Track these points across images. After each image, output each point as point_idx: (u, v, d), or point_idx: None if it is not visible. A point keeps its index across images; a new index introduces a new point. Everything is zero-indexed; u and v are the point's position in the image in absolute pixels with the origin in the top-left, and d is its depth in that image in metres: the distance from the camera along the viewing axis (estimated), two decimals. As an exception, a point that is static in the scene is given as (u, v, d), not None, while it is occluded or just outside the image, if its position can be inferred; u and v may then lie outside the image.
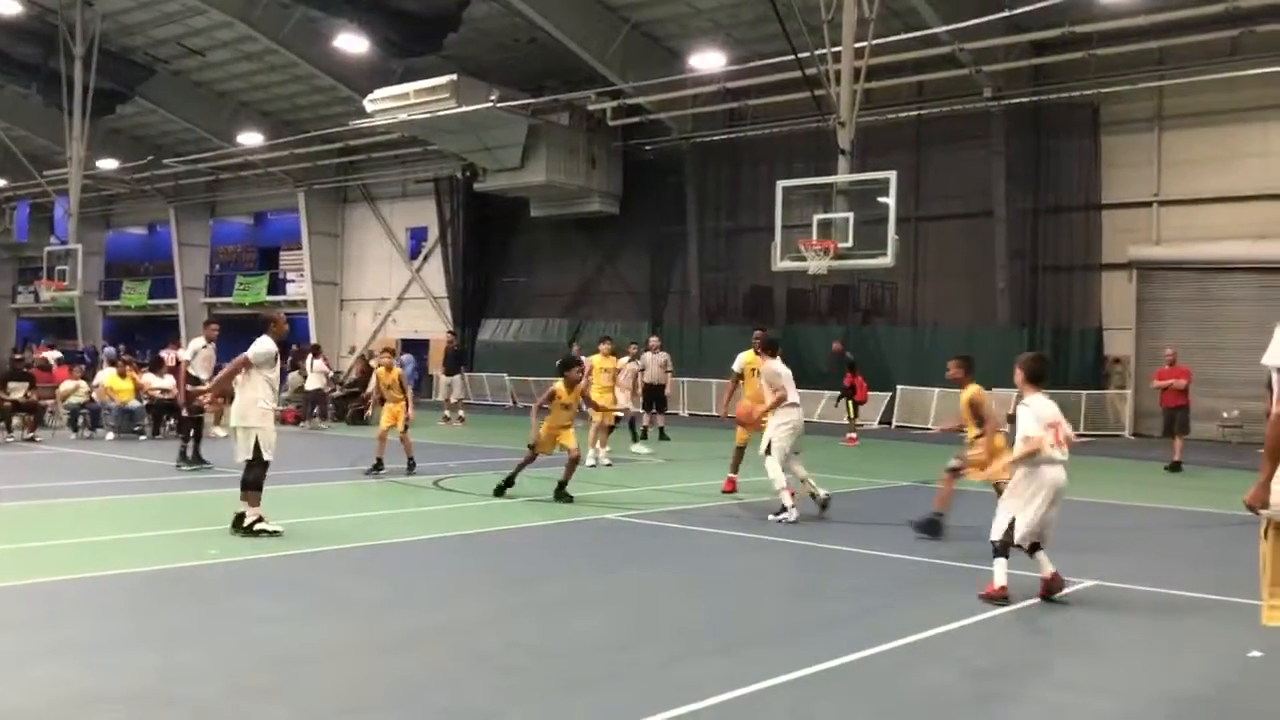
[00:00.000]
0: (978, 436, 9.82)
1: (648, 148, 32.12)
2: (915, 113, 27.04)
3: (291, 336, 34.44)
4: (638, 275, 33.76)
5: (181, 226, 45.81)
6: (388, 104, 30.15)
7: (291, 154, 37.61)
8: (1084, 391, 25.07)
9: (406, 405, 15.29)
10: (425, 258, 39.47)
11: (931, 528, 10.21)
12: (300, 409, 25.13)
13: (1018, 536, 7.60)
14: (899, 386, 27.20)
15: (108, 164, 40.81)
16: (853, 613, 7.44)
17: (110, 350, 33.37)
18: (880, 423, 26.91)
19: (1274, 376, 4.77)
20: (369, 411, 21.68)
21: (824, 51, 21.93)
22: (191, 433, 15.48)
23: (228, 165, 40.14)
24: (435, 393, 34.40)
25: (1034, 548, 7.70)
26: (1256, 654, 6.22)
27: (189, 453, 15.37)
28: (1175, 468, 17.22)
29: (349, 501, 12.75)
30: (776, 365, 11.98)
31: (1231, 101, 24.07)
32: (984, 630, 6.94)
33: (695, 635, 6.73)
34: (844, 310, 29.99)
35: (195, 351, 15.82)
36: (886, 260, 21.22)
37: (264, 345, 10.08)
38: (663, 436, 21.52)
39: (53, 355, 24.14)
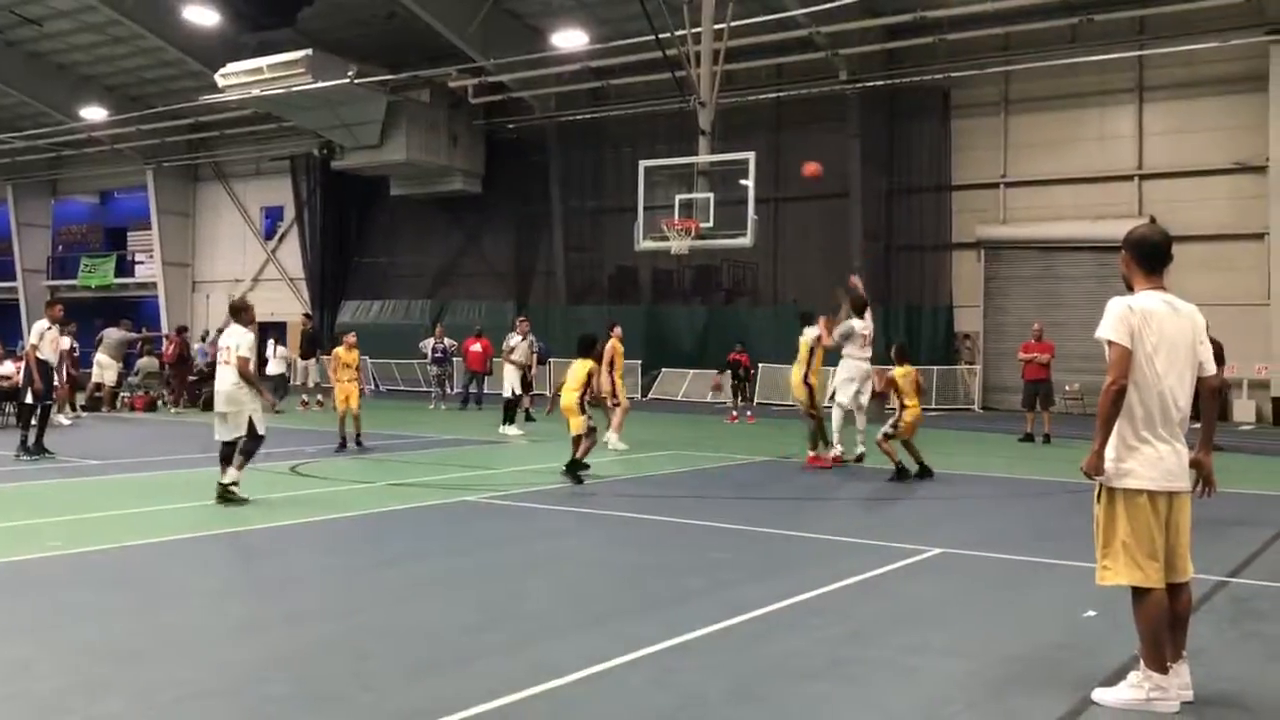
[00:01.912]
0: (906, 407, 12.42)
1: (510, 126, 31.87)
2: (774, 95, 27.46)
3: (141, 320, 33.25)
4: (502, 255, 33.53)
5: (20, 205, 43.64)
6: (240, 79, 29.17)
7: (138, 130, 36.12)
8: (935, 367, 25.90)
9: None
10: (281, 238, 38.46)
11: (900, 474, 12.55)
12: (150, 395, 24.31)
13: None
14: (760, 365, 27.63)
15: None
16: (710, 586, 7.54)
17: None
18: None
19: (1106, 349, 5.01)
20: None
21: (684, 32, 22.09)
22: (33, 421, 14.81)
23: (70, 141, 38.31)
24: (294, 377, 33.66)
25: None
26: (1091, 614, 6.53)
27: (30, 441, 14.70)
28: (1031, 439, 17.92)
29: (202, 489, 12.36)
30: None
31: (1072, 86, 25.13)
32: (837, 599, 7.12)
33: (552, 614, 6.73)
34: (707, 290, 30.33)
35: (41, 334, 15.05)
36: (746, 240, 21.51)
37: (248, 337, 10.85)
38: (528, 418, 21.45)
39: None
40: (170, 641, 6.09)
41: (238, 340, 10.77)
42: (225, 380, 10.76)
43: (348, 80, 28.18)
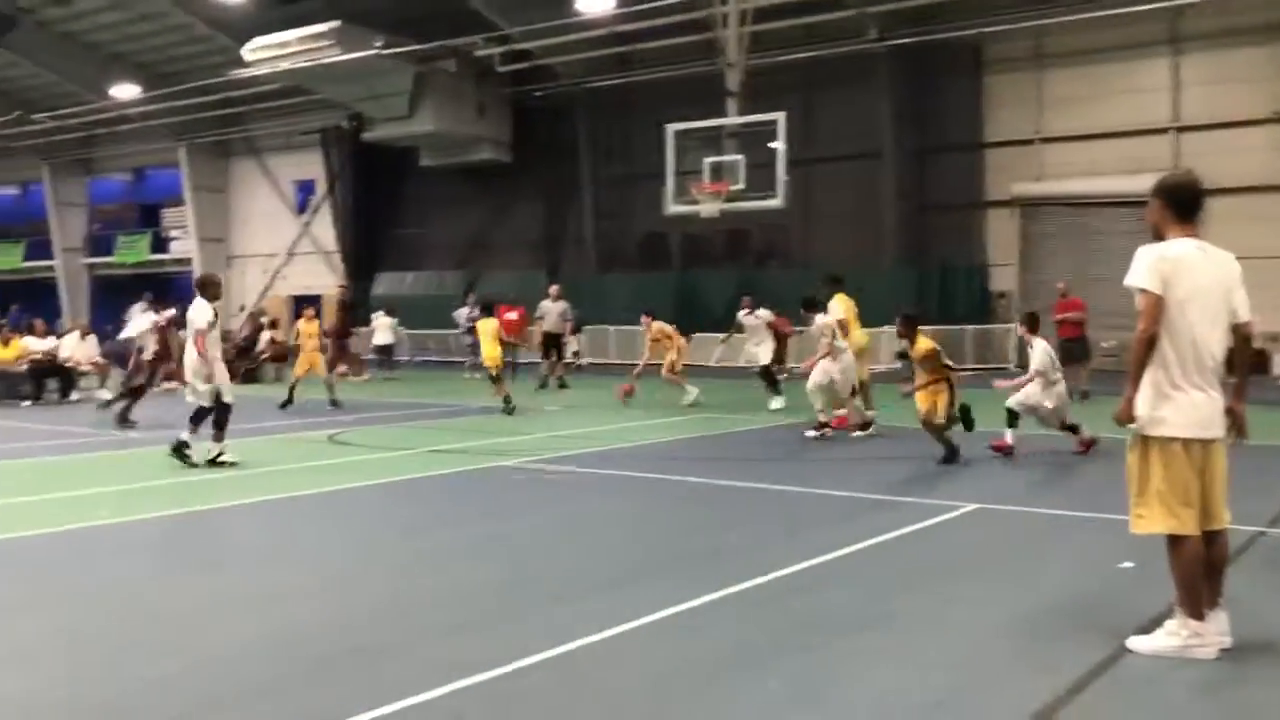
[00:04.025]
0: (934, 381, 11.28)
1: (538, 94, 31.79)
2: (803, 55, 27.20)
3: (176, 295, 33.56)
4: (532, 224, 33.54)
5: (56, 185, 44.06)
6: (268, 53, 29.26)
7: (170, 107, 36.30)
8: (970, 327, 25.73)
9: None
10: (314, 211, 38.63)
11: (950, 457, 11.15)
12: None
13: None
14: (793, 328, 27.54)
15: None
16: (744, 545, 7.59)
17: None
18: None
19: (1137, 297, 4.99)
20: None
21: (712, -7, 21.92)
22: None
23: (103, 120, 38.57)
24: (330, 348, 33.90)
25: None
26: (1128, 565, 6.53)
27: (128, 414, 15.68)
28: (1082, 397, 17.82)
29: (247, 456, 12.54)
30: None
31: (1106, 39, 24.74)
32: (872, 554, 7.16)
33: (585, 574, 6.81)
34: (739, 254, 30.22)
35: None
36: (777, 202, 21.43)
37: (208, 311, 11.29)
38: (562, 385, 21.54)
39: None
40: (220, 605, 6.22)
41: (196, 314, 11.31)
42: (191, 356, 11.37)
43: (375, 51, 28.19)
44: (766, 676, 4.81)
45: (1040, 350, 11.59)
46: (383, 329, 26.99)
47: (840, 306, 14.07)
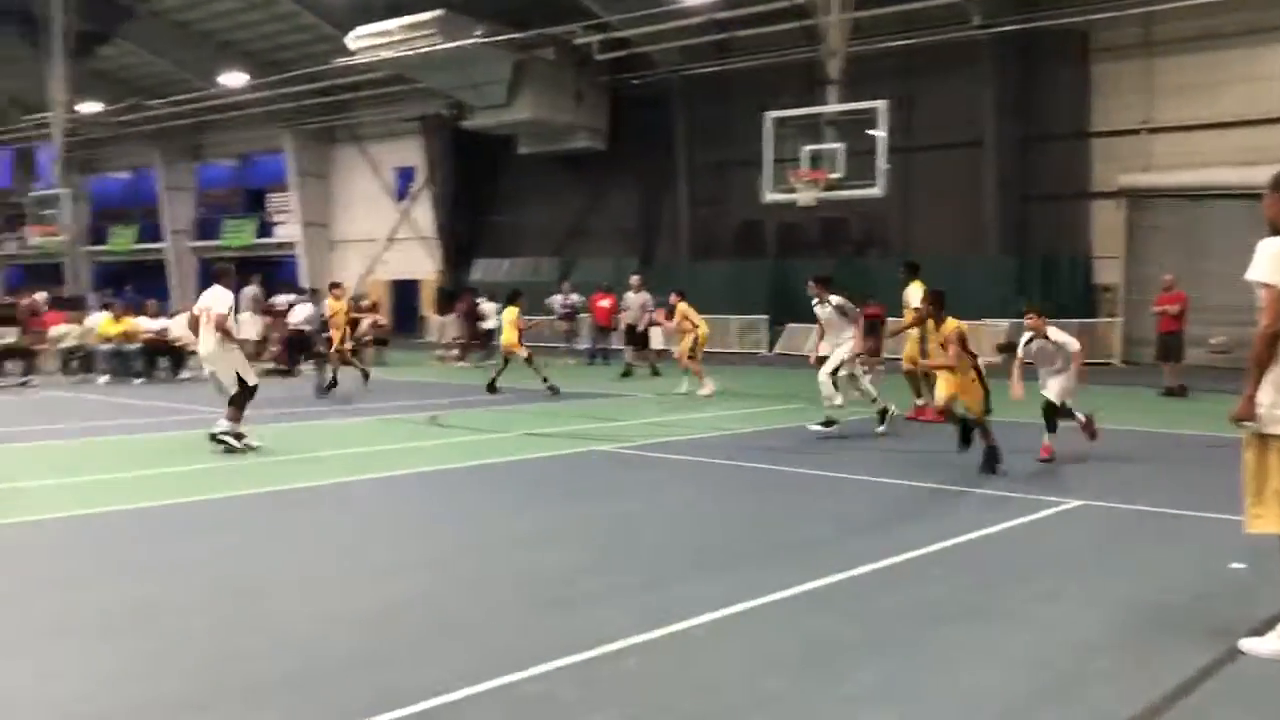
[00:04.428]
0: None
1: (635, 82, 31.83)
2: (904, 42, 26.79)
3: (280, 279, 34.31)
4: (626, 212, 33.64)
5: (167, 170, 45.43)
6: (371, 41, 29.79)
7: (276, 94, 37.17)
8: (1074, 320, 25.12)
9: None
10: (414, 198, 39.24)
11: (990, 462, 9.99)
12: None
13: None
14: (889, 318, 27.21)
15: (90, 107, 40.33)
16: (837, 535, 7.55)
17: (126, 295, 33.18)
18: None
19: (1259, 292, 4.83)
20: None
21: (813, -20, 21.71)
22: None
23: (212, 107, 39.65)
24: (428, 332, 34.48)
25: None
26: (1239, 565, 6.33)
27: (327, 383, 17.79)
28: (1175, 392, 17.34)
29: (343, 437, 12.82)
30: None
31: (1219, 26, 23.90)
32: (971, 549, 7.05)
33: (678, 560, 6.82)
34: (836, 242, 29.94)
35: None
36: (877, 190, 21.18)
37: (227, 297, 11.43)
38: (654, 372, 21.58)
39: (41, 298, 24.07)
40: (317, 580, 6.38)
41: (217, 301, 11.34)
42: (208, 342, 11.37)
43: (475, 40, 28.50)
44: (857, 669, 4.79)
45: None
46: (488, 315, 27.35)
47: (920, 294, 13.76)
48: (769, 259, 30.47)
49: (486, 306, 27.74)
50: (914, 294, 13.88)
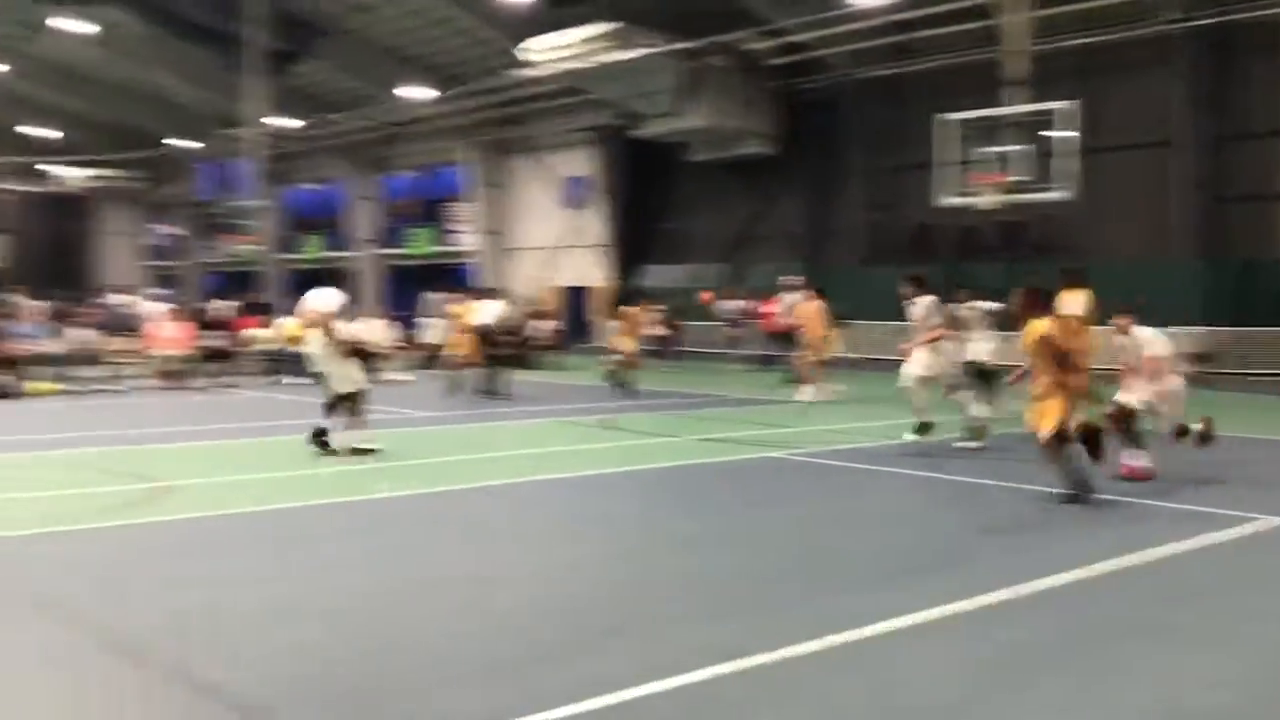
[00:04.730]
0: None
1: (806, 86, 31.63)
2: (1087, 40, 25.85)
3: (458, 285, 35.36)
4: (796, 217, 33.41)
5: (354, 182, 47.40)
6: (545, 54, 30.45)
7: (456, 108, 38.38)
8: (1272, 329, 23.76)
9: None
10: (586, 206, 39.91)
11: (1078, 492, 8.74)
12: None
13: None
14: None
15: (285, 123, 42.43)
16: (1018, 545, 7.37)
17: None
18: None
19: None
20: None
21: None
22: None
23: (396, 121, 41.21)
24: (598, 338, 34.98)
25: None
26: None
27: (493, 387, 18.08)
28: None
29: (525, 438, 13.17)
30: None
31: None
32: (1159, 565, 6.79)
33: (856, 568, 6.79)
34: (1015, 246, 29.05)
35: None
36: (1064, 194, 20.53)
37: (336, 298, 11.62)
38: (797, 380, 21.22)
39: (225, 304, 25.51)
40: (504, 574, 6.61)
41: (323, 301, 11.46)
42: (316, 342, 11.37)
43: (648, 50, 28.83)
44: (1037, 681, 4.68)
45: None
46: (652, 320, 27.70)
47: (1079, 301, 12.90)
48: (943, 263, 29.81)
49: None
50: (1073, 303, 12.94)
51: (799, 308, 17.76)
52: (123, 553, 7.31)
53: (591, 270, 39.04)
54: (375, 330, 22.32)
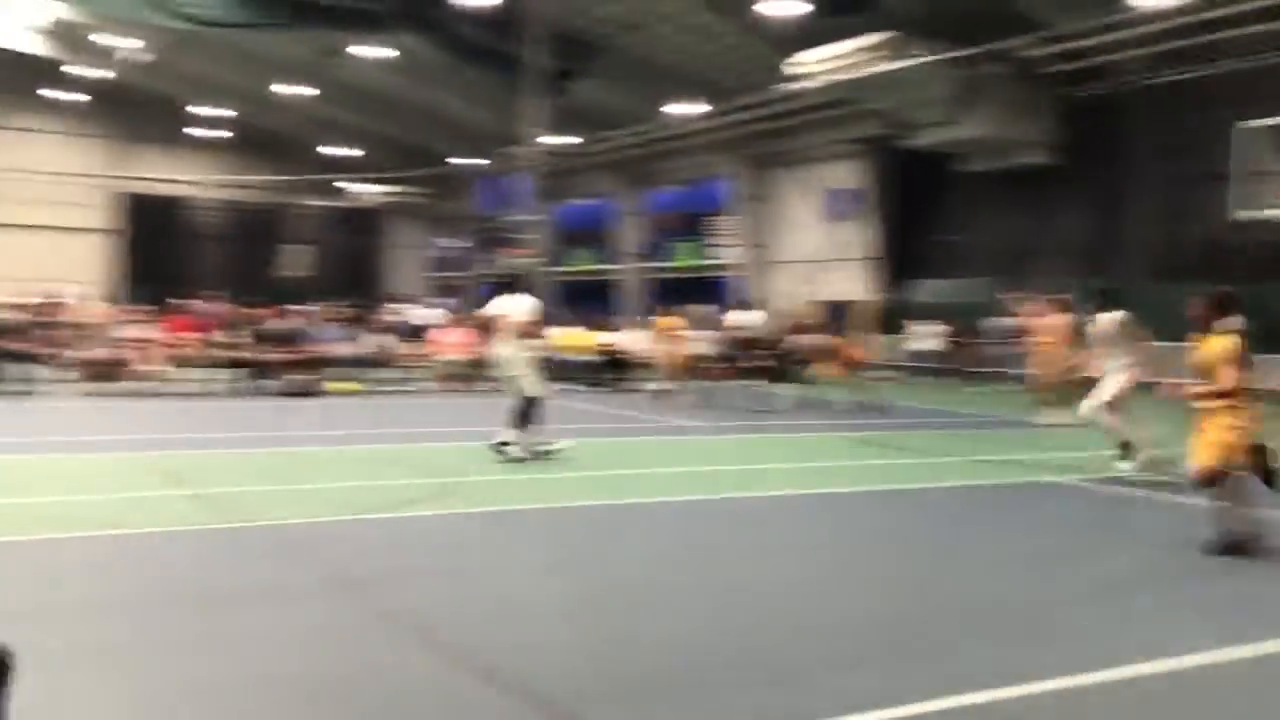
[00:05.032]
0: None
1: (1089, 93, 30.12)
2: None
3: (719, 298, 35.67)
4: (1076, 229, 31.84)
5: (622, 197, 48.71)
6: (819, 66, 30.32)
7: (722, 122, 38.79)
8: None
9: None
10: (851, 219, 39.45)
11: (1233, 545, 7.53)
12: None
13: None
14: None
15: (559, 140, 44.08)
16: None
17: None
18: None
19: None
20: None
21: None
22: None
23: (664, 136, 42.08)
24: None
25: None
26: None
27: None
28: None
29: (787, 450, 13.15)
30: None
31: None
32: None
33: (1166, 596, 6.38)
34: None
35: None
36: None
37: (531, 303, 11.88)
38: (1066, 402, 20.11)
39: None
40: (788, 585, 6.62)
41: (519, 308, 11.62)
42: (504, 347, 11.65)
43: (922, 59, 28.22)
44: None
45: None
46: (921, 336, 27.07)
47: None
48: (1242, 281, 27.69)
49: (921, 328, 27.44)
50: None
51: (1043, 321, 16.66)
52: (418, 540, 7.79)
53: (856, 285, 38.54)
54: (639, 341, 23.00)
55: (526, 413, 11.48)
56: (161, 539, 7.70)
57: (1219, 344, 7.49)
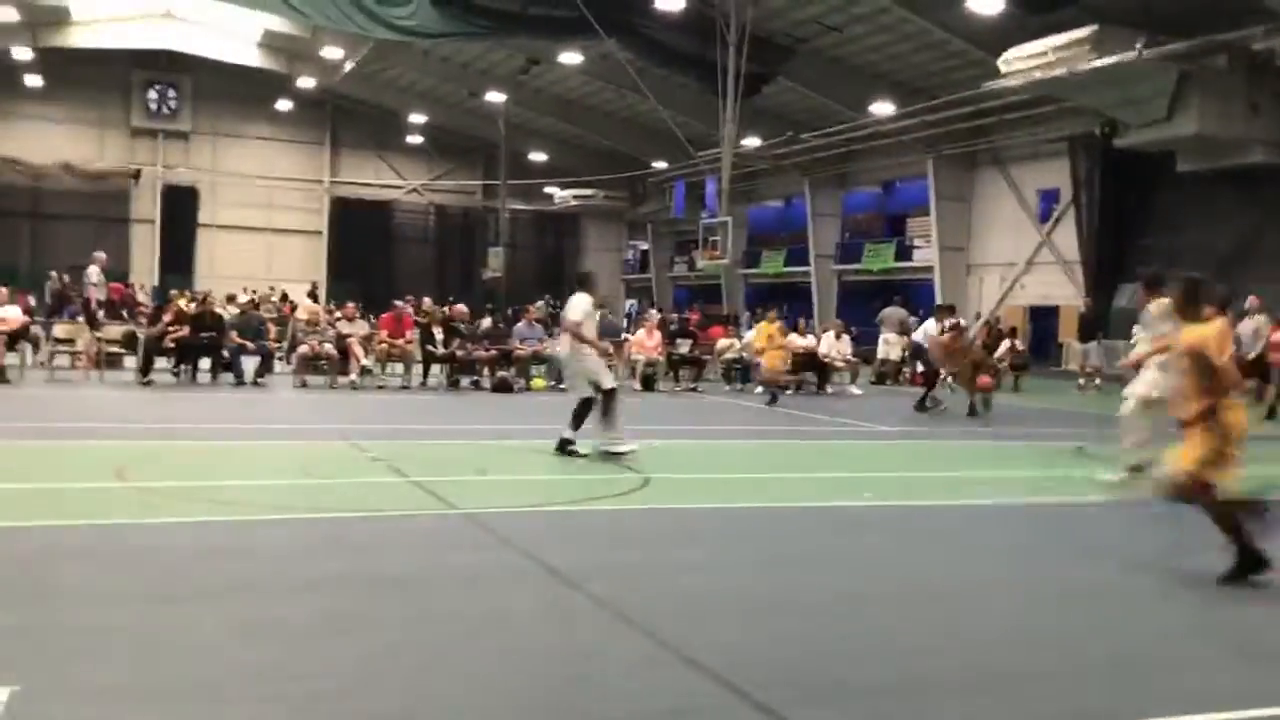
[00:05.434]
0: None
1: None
2: None
3: (916, 301, 35.10)
4: (1301, 233, 29.89)
5: (815, 198, 48.31)
6: (1022, 63, 29.37)
7: (921, 121, 38.03)
8: None
9: None
10: (1056, 221, 38.07)
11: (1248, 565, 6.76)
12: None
13: None
14: None
15: (751, 142, 44.09)
16: None
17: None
18: None
19: None
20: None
21: None
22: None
23: (858, 137, 41.54)
24: (1065, 360, 33.34)
25: None
26: None
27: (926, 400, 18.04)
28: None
29: (995, 459, 12.86)
30: None
31: None
32: None
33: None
34: None
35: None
36: None
37: (585, 302, 11.60)
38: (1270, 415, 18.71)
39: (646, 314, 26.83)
40: (987, 591, 6.52)
41: (572, 308, 11.51)
42: (563, 347, 11.73)
43: (1135, 53, 26.99)
44: None
45: None
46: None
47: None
48: None
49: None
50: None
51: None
52: (613, 531, 8.02)
53: (1060, 288, 37.20)
54: (830, 344, 22.88)
55: (607, 409, 11.30)
56: (399, 522, 8.17)
57: (1193, 337, 6.83)
